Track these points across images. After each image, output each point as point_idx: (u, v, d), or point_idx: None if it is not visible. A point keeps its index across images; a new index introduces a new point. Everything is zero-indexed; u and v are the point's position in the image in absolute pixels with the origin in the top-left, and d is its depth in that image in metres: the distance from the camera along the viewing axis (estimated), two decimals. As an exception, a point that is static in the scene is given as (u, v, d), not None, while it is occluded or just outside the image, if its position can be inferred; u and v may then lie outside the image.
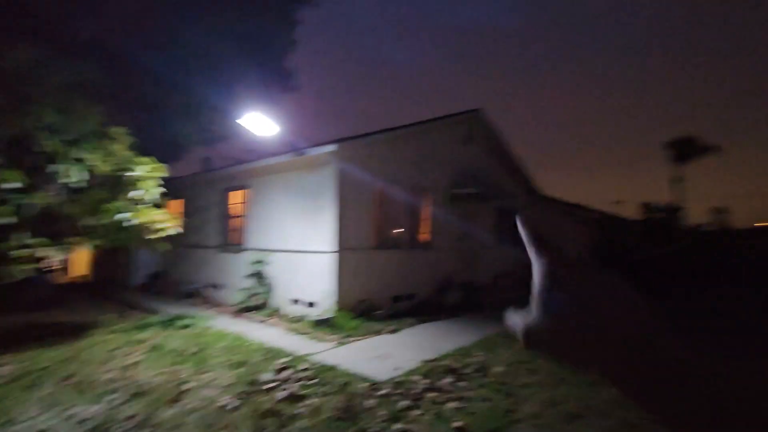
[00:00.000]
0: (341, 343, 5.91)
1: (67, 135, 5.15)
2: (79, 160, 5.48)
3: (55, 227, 5.58)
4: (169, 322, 7.20)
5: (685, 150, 33.68)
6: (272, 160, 8.55)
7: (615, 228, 17.97)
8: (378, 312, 7.64)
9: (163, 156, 6.67)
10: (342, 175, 7.44)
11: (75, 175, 5.41)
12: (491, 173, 11.81)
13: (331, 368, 4.72)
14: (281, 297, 8.17)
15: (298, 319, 7.39)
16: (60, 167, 5.30)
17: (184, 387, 4.19)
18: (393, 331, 6.66)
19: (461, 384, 4.33)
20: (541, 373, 4.74)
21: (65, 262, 17.72)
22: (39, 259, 5.30)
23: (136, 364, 4.98)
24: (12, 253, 5.11)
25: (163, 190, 6.40)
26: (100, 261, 14.71)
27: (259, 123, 6.97)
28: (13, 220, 4.88)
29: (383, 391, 4.04)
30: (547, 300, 0.40)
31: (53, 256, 5.48)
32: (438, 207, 9.82)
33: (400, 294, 8.61)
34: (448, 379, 4.39)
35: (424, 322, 7.52)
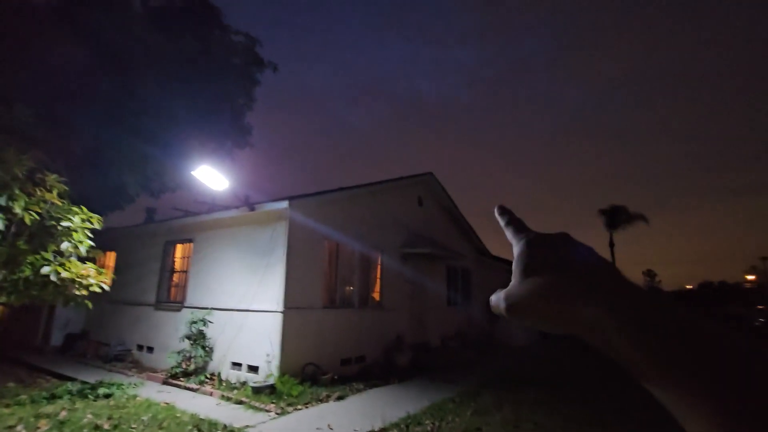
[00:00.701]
0: (282, 413, 5.45)
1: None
2: (2, 208, 5.02)
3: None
4: (86, 391, 6.33)
5: (615, 217, 37.04)
6: (221, 214, 8.31)
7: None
8: (324, 377, 7.23)
9: (99, 206, 6.27)
10: (292, 233, 7.35)
11: (-7, 224, 4.92)
12: (442, 234, 12.19)
13: (269, 443, 4.31)
14: (221, 360, 7.54)
15: (238, 386, 6.79)
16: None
17: (92, 472, 3.62)
18: (339, 398, 6.28)
19: (408, 456, 4.09)
20: (490, 440, 4.62)
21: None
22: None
23: (35, 445, 4.27)
24: None
25: (91, 243, 5.93)
26: (8, 319, 12.94)
27: (211, 176, 6.85)
28: None
29: (324, 468, 3.72)
30: (523, 264, 0.40)
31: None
32: (390, 266, 9.86)
33: (349, 356, 8.26)
34: (394, 452, 4.14)
35: (373, 387, 7.19)
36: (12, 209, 5.17)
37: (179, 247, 9.60)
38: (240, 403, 5.94)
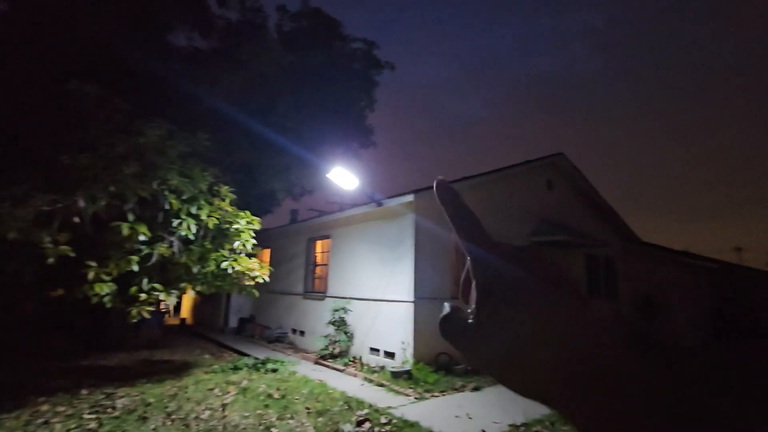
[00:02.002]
0: (420, 398, 5.68)
1: (185, 194, 6.02)
2: (192, 216, 6.32)
3: (169, 274, 6.37)
4: (258, 365, 7.58)
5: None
6: (352, 212, 9.00)
7: (736, 280, 15.36)
8: (458, 366, 7.27)
9: (256, 210, 7.42)
10: (419, 225, 7.54)
11: (189, 229, 6.22)
12: (578, 220, 11.07)
13: (412, 425, 4.53)
14: (361, 345, 8.21)
15: (377, 370, 7.31)
16: (177, 222, 6.14)
17: (270, 431, 4.31)
18: (475, 389, 6.24)
19: (557, 455, 3.86)
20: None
21: (172, 306, 19.88)
22: (156, 303, 6.03)
23: (228, 404, 5.28)
24: (141, 296, 5.91)
25: (254, 241, 7.03)
26: (198, 306, 16.25)
27: (343, 177, 7.50)
28: (136, 268, 5.69)
29: (468, 456, 3.75)
30: (470, 280, 0.33)
31: (166, 300, 6.20)
32: (519, 255, 9.36)
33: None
34: (540, 449, 3.95)
35: (509, 380, 6.95)
36: (199, 216, 6.48)
37: (319, 243, 10.73)
38: (381, 385, 6.38)
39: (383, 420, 4.62)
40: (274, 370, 7.32)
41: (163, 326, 12.17)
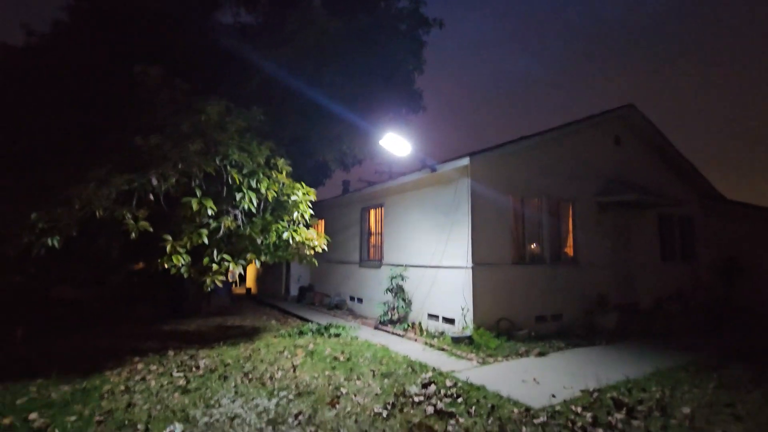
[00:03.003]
0: (484, 363, 5.64)
1: (245, 169, 6.22)
2: (253, 189, 6.54)
3: (235, 246, 6.71)
4: (321, 330, 7.94)
5: None
6: (405, 179, 8.88)
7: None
8: (520, 332, 7.13)
9: (309, 182, 7.54)
10: (475, 189, 7.28)
11: (251, 202, 6.46)
12: (650, 177, 10.15)
13: (478, 388, 4.51)
14: (419, 312, 8.29)
15: (437, 335, 7.36)
16: (240, 196, 6.39)
17: (340, 392, 4.50)
18: (540, 354, 6.09)
19: (636, 423, 3.67)
20: (750, 420, 3.73)
21: (238, 276, 21.32)
22: (225, 273, 6.41)
23: (298, 366, 5.58)
24: (213, 266, 6.30)
25: (311, 212, 7.17)
26: (261, 276, 17.25)
27: (395, 143, 7.36)
28: (206, 240, 6.03)
29: (539, 420, 3.68)
30: None
31: (233, 270, 6.57)
32: (585, 218, 8.82)
33: (543, 314, 7.89)
34: (618, 416, 3.78)
35: (575, 346, 6.71)
36: (259, 189, 6.70)
37: (372, 212, 10.79)
38: (442, 350, 6.42)
39: (448, 383, 4.64)
40: (337, 335, 7.62)
41: (231, 295, 13.09)
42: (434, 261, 8.00)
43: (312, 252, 7.34)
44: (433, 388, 4.47)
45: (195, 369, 5.59)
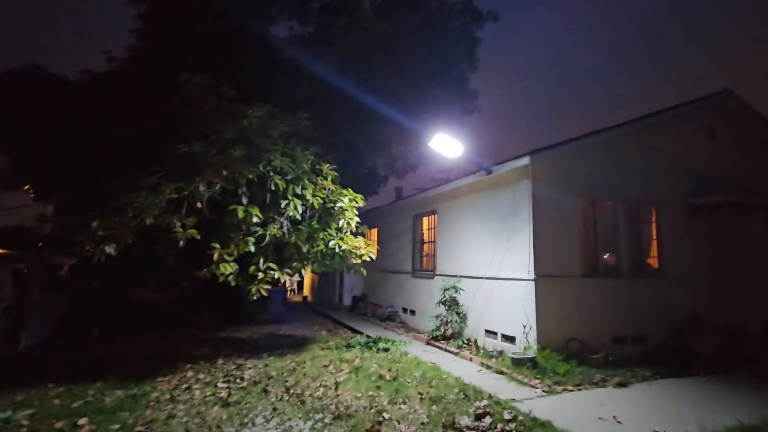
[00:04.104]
0: (550, 392, 4.88)
1: (289, 175, 6.08)
2: (298, 196, 6.39)
3: (282, 254, 6.58)
4: (370, 344, 7.56)
5: None
6: (458, 183, 8.30)
7: None
8: (594, 356, 6.19)
9: (360, 191, 7.25)
10: (537, 191, 6.51)
11: (296, 209, 6.30)
12: (753, 174, 8.58)
13: (543, 425, 3.82)
14: (475, 327, 7.60)
15: (495, 354, 6.64)
16: (285, 203, 6.26)
17: (381, 417, 4.05)
18: (620, 385, 5.17)
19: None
20: None
21: (295, 284, 21.81)
22: (272, 281, 6.29)
23: (341, 383, 5.23)
24: (258, 274, 6.21)
25: (358, 219, 6.87)
26: (317, 284, 17.39)
27: (445, 144, 6.84)
28: (252, 248, 5.94)
29: (624, 474, 2.94)
30: None
31: (281, 279, 6.43)
32: (672, 223, 7.60)
33: (621, 335, 6.84)
34: (733, 477, 2.91)
35: (664, 376, 5.64)
36: (304, 196, 6.53)
37: (425, 220, 10.29)
38: (500, 373, 5.72)
39: (507, 415, 4.00)
40: (386, 350, 7.19)
41: (286, 303, 13.25)
42: (491, 272, 7.30)
43: (359, 261, 7.02)
44: (488, 420, 3.86)
45: (239, 380, 5.46)
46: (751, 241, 8.35)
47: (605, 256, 7.30)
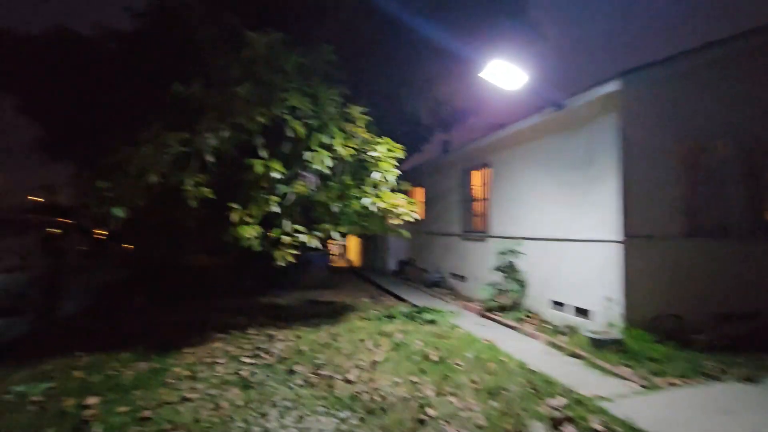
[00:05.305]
0: (650, 387, 3.73)
1: (312, 120, 5.12)
2: (325, 147, 5.44)
3: (309, 215, 5.77)
4: (414, 314, 6.71)
5: None
6: (519, 125, 6.90)
7: None
8: (697, 336, 4.87)
9: (402, 145, 6.12)
10: (629, 129, 5.04)
11: (323, 163, 5.38)
12: None
13: (651, 441, 2.74)
14: (538, 297, 6.46)
15: (564, 331, 5.51)
16: (310, 155, 5.34)
17: (425, 414, 3.18)
18: (747, 379, 3.89)
19: None
20: None
21: (339, 248, 21.46)
22: (299, 245, 5.51)
23: (379, 363, 4.43)
24: (284, 238, 5.46)
25: (398, 172, 5.84)
26: (361, 248, 16.80)
27: (503, 72, 5.45)
28: (276, 209, 5.15)
29: None
30: None
31: (311, 243, 5.64)
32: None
33: (728, 310, 5.39)
34: None
35: (805, 366, 4.25)
36: (333, 147, 5.57)
37: (476, 174, 9.01)
38: (575, 356, 4.62)
39: (596, 423, 2.94)
40: (432, 322, 6.29)
41: (330, 268, 12.73)
42: (561, 232, 6.02)
43: (400, 221, 6.05)
44: (569, 430, 2.84)
45: (266, 355, 4.85)
46: None
47: (713, 213, 5.71)
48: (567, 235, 5.87)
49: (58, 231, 6.98)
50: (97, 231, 9.20)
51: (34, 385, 4.09)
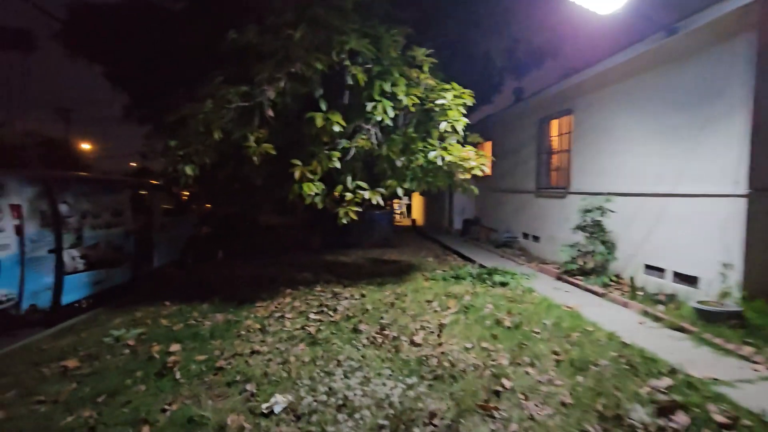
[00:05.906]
0: (782, 370, 3.06)
1: (373, 66, 4.69)
2: (387, 96, 5.02)
3: (372, 170, 5.48)
4: (483, 276, 6.34)
5: None
6: (614, 60, 5.85)
7: None
8: None
9: (472, 94, 5.47)
10: (763, 52, 3.96)
11: (386, 113, 4.98)
12: None
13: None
14: (629, 261, 5.71)
15: (661, 299, 4.80)
16: (371, 105, 4.97)
17: (500, 385, 2.88)
18: None
19: None
20: None
21: (403, 207, 21.26)
22: (362, 203, 5.30)
23: (446, 326, 4.19)
24: (346, 195, 5.28)
25: (467, 120, 5.26)
26: (426, 207, 16.41)
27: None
28: (338, 164, 4.92)
29: None
30: None
31: (374, 200, 5.39)
32: None
33: None
34: None
35: None
36: (396, 95, 5.13)
37: (555, 123, 8.04)
38: (679, 330, 3.97)
39: (717, 414, 2.43)
40: (504, 284, 5.87)
41: (394, 227, 12.61)
42: (662, 186, 5.13)
43: (469, 176, 5.55)
44: (683, 421, 2.37)
45: (333, 313, 4.84)
46: None
47: None
48: (671, 189, 4.98)
49: (146, 192, 7.53)
50: (181, 192, 9.86)
51: (128, 331, 4.45)
